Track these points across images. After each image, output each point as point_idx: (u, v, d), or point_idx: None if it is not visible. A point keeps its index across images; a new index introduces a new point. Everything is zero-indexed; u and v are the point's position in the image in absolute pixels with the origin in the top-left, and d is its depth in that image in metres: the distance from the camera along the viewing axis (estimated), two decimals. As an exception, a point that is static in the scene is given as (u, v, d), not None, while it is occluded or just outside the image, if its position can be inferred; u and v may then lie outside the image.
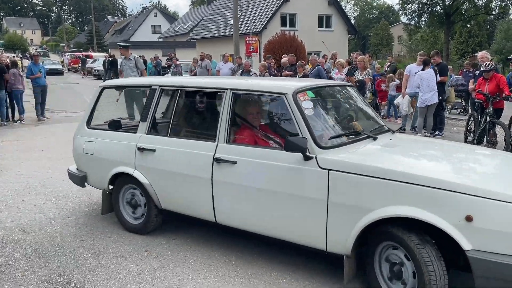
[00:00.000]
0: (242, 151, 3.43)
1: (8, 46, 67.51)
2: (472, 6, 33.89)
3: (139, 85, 5.26)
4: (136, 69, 10.00)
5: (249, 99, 3.90)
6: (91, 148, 4.38)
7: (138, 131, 4.09)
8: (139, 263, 3.65)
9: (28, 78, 12.03)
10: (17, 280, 3.38)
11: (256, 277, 3.40)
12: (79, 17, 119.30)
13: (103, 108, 4.92)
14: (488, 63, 7.39)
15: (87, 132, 4.51)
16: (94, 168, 4.43)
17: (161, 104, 4.17)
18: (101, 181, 4.36)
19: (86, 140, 4.45)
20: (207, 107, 4.27)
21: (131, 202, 4.25)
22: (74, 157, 4.65)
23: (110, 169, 4.21)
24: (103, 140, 4.32)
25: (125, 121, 5.26)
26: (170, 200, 3.94)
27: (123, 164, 4.11)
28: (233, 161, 3.41)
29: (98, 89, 4.58)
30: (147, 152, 3.92)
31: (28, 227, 4.44)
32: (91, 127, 4.55)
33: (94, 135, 4.43)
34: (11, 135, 9.67)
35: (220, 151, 3.51)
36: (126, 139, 4.12)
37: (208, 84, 4.03)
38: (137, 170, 4.01)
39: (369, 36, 55.21)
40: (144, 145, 3.95)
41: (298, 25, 27.14)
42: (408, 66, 9.83)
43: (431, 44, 38.00)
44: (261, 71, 11.36)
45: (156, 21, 58.86)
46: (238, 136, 3.70)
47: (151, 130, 4.06)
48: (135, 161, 4.01)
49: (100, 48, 56.01)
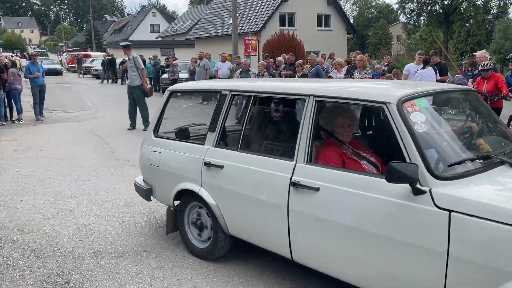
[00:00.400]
0: (327, 175, 2.75)
1: (6, 45, 67.42)
2: (471, 5, 33.95)
3: (209, 90, 4.57)
4: (136, 68, 9.99)
5: (337, 109, 3.22)
6: (157, 160, 3.94)
7: (206, 142, 3.57)
8: (137, 263, 3.64)
9: (26, 78, 12.03)
10: (16, 280, 3.37)
11: (255, 277, 3.40)
12: (78, 17, 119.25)
13: (171, 113, 4.42)
14: (486, 62, 7.40)
15: (153, 141, 4.06)
16: (160, 181, 4.01)
17: (231, 112, 3.67)
18: (166, 197, 3.92)
19: (153, 151, 4.01)
20: (284, 117, 3.73)
21: (197, 223, 3.75)
22: (141, 168, 4.28)
23: (175, 184, 3.74)
24: (169, 151, 3.86)
25: (196, 129, 4.66)
26: (238, 226, 3.39)
27: (188, 180, 3.62)
28: (315, 188, 2.74)
29: (166, 94, 4.11)
30: (214, 168, 3.40)
31: (27, 227, 4.43)
32: (158, 135, 4.09)
33: (161, 145, 3.97)
34: (9, 134, 9.65)
35: (298, 173, 2.87)
36: (193, 152, 3.63)
37: (287, 89, 3.33)
38: (204, 188, 3.49)
39: (368, 36, 55.25)
40: (211, 159, 3.43)
41: (297, 24, 27.11)
42: (407, 66, 9.86)
43: (430, 44, 38.03)
44: (260, 71, 11.36)
45: (154, 21, 58.78)
46: (321, 155, 3.03)
47: (220, 143, 3.53)
48: (202, 178, 3.50)
49: (99, 48, 55.95)
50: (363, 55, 10.19)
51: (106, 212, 4.83)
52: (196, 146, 3.65)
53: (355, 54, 11.08)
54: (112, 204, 5.09)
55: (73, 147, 8.28)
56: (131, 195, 5.42)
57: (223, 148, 3.48)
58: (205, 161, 3.46)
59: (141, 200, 5.19)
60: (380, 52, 43.01)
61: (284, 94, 3.29)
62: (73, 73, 34.83)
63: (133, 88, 10.10)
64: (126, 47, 10.20)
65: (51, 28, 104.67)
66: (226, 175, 3.32)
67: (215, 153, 3.45)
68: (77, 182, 6.00)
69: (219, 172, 3.37)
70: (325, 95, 2.93)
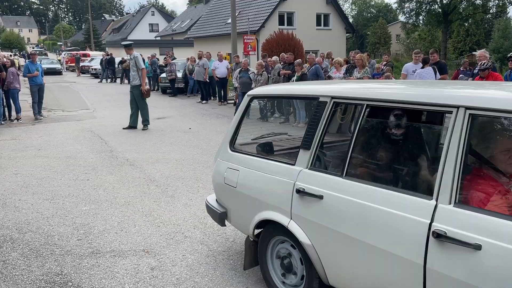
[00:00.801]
0: (490, 227, 1.89)
1: (5, 44, 67.37)
2: (469, 4, 33.91)
3: (300, 95, 3.52)
4: (136, 68, 9.98)
5: (499, 125, 2.24)
6: (234, 179, 3.28)
7: (298, 162, 2.83)
8: (136, 262, 3.64)
9: (25, 77, 12.01)
10: (15, 280, 3.37)
11: (254, 276, 3.40)
12: (76, 16, 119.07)
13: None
14: (484, 62, 7.40)
15: (230, 156, 3.41)
16: (237, 206, 3.34)
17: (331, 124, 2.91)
18: (245, 225, 3.26)
19: (229, 167, 3.36)
20: (412, 135, 2.76)
21: (284, 262, 3.02)
22: (214, 186, 3.62)
23: (257, 211, 3.07)
24: (249, 170, 3.18)
25: (277, 140, 3.89)
26: (345, 278, 2.59)
27: (274, 208, 2.93)
28: (473, 245, 1.89)
29: (245, 99, 3.45)
30: (310, 197, 2.65)
31: (25, 227, 4.42)
32: (235, 149, 3.43)
33: (239, 161, 3.31)
34: (8, 134, 9.64)
35: (442, 219, 2.03)
36: (280, 173, 2.91)
37: (421, 97, 2.31)
38: (295, 221, 2.77)
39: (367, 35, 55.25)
40: (305, 186, 2.69)
41: (296, 23, 27.10)
42: (405, 65, 9.85)
43: (429, 43, 38.04)
44: (258, 70, 11.36)
45: (153, 20, 58.70)
46: (475, 193, 2.15)
47: (316, 164, 2.79)
48: (292, 208, 2.78)
49: (98, 47, 55.87)
50: (362, 54, 10.18)
51: (105, 211, 4.83)
52: (284, 167, 2.92)
53: (354, 54, 11.07)
54: (111, 203, 5.08)
55: (72, 146, 8.27)
56: (130, 194, 5.42)
57: (322, 172, 2.71)
58: (298, 187, 2.72)
59: (140, 200, 5.19)
60: (379, 51, 43.02)
61: (415, 104, 2.31)
62: (71, 72, 34.79)
63: (133, 88, 10.11)
64: (128, 46, 10.20)
65: (49, 27, 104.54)
66: (328, 209, 2.56)
67: (311, 177, 2.71)
68: (76, 181, 5.99)
69: (317, 203, 2.62)
70: (484, 107, 2.01)
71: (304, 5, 26.93)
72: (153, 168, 6.64)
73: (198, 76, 15.44)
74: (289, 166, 2.89)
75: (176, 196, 5.33)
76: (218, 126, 10.45)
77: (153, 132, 9.78)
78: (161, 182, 5.91)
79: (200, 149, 7.97)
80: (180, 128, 10.26)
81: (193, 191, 5.52)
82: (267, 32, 23.20)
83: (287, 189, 2.82)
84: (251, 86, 11.48)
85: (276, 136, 3.88)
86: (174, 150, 7.88)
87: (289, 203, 2.80)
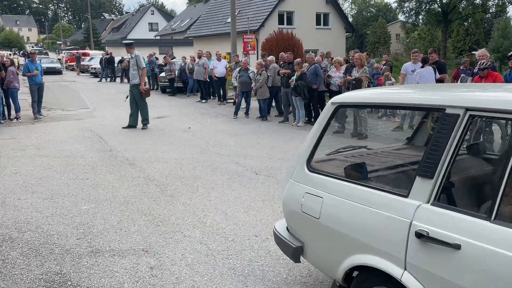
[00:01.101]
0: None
1: (4, 44, 67.33)
2: (469, 4, 33.92)
3: (411, 104, 2.55)
4: (137, 67, 9.98)
5: None
6: (316, 208, 2.63)
7: (413, 194, 2.18)
8: (136, 262, 3.64)
9: (25, 76, 12.00)
10: (14, 279, 3.37)
11: (254, 276, 3.40)
12: (76, 15, 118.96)
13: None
14: (483, 61, 7.41)
15: (308, 177, 2.77)
16: (320, 241, 2.71)
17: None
18: (330, 266, 2.65)
19: (307, 192, 2.72)
20: None
21: None
22: (287, 213, 2.98)
23: (349, 253, 2.44)
24: (338, 199, 2.52)
25: (364, 157, 3.19)
26: None
27: (376, 252, 2.28)
28: None
29: (328, 108, 2.80)
30: (438, 246, 1.99)
31: (25, 226, 4.42)
32: (313, 168, 2.78)
33: (321, 185, 2.66)
34: (7, 133, 9.63)
35: None
36: (385, 206, 2.27)
37: None
38: (411, 273, 2.12)
39: (367, 34, 55.24)
40: (429, 228, 2.03)
41: (296, 23, 27.09)
42: (404, 65, 9.86)
43: (428, 43, 38.05)
44: (258, 70, 11.36)
45: (153, 19, 58.65)
46: None
47: (443, 198, 2.14)
48: (407, 255, 2.13)
49: (97, 46, 55.83)
50: (361, 53, 10.19)
51: (104, 211, 4.83)
52: (391, 198, 2.26)
53: (353, 53, 11.07)
54: (110, 203, 5.09)
55: (71, 145, 8.27)
56: (129, 193, 5.42)
57: (454, 211, 2.02)
58: (417, 229, 2.07)
59: (140, 199, 5.20)
60: (378, 51, 43.03)
61: None
62: (71, 71, 34.77)
63: (133, 87, 10.11)
64: (129, 45, 10.20)
65: (49, 26, 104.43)
66: (470, 264, 1.88)
67: (437, 217, 2.04)
68: (75, 180, 5.99)
69: (451, 255, 1.94)
70: None
71: (304, 4, 26.93)
72: (153, 167, 6.64)
73: (198, 76, 15.44)
74: (399, 198, 2.21)
75: (175, 196, 5.34)
76: (217, 125, 10.45)
77: (152, 131, 9.78)
78: (160, 182, 5.91)
79: (199, 148, 7.98)
80: (179, 127, 10.26)
81: (192, 191, 5.53)
82: (267, 32, 23.18)
83: (398, 229, 2.16)
84: (251, 85, 11.48)
85: (355, 150, 3.19)
86: (174, 150, 7.88)
87: (403, 249, 2.13)
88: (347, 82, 9.50)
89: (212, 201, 5.14)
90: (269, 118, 11.52)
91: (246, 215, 4.65)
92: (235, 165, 6.71)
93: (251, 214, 4.70)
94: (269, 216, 4.62)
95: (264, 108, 11.45)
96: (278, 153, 7.55)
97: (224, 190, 5.54)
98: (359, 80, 9.10)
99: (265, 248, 3.84)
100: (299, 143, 8.42)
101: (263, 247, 3.87)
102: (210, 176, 6.16)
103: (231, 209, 4.84)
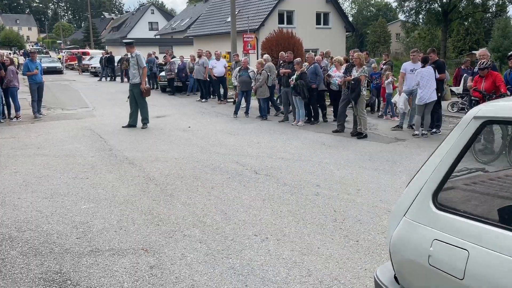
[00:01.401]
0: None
1: (4, 43, 67.33)
2: (469, 3, 33.93)
3: None
4: (137, 66, 9.97)
5: None
6: (458, 264, 1.86)
7: None
8: (135, 261, 3.64)
9: (25, 75, 12.00)
10: (14, 278, 3.37)
11: (253, 275, 3.40)
12: (76, 14, 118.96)
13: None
14: (483, 61, 7.41)
15: (437, 217, 2.01)
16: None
17: None
18: None
19: (437, 240, 1.97)
20: None
21: None
22: (396, 259, 2.20)
23: None
24: (499, 255, 1.72)
25: (489, 184, 2.38)
26: None
27: None
28: None
29: (470, 124, 1.99)
30: None
31: (24, 225, 4.42)
32: (444, 206, 2.02)
33: (463, 233, 1.88)
34: (7, 132, 9.63)
35: None
36: None
37: None
38: None
39: (367, 34, 55.24)
40: None
41: (296, 22, 27.09)
42: (404, 64, 9.86)
43: (429, 42, 38.05)
44: (258, 69, 11.35)
45: (153, 18, 58.67)
46: None
47: None
48: None
49: (97, 45, 55.83)
50: (360, 53, 10.18)
51: (104, 210, 4.83)
52: None
53: (353, 53, 11.07)
54: (110, 202, 5.08)
55: (71, 144, 8.26)
56: (129, 192, 5.42)
57: None
58: None
59: (140, 198, 5.20)
60: (378, 50, 43.04)
61: None
62: (71, 70, 34.77)
63: (133, 86, 10.10)
64: (130, 44, 10.19)
65: (49, 25, 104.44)
66: None
67: None
68: (75, 179, 5.99)
69: None
70: None
71: (304, 3, 26.92)
72: (152, 166, 6.64)
73: (198, 75, 15.44)
74: None
75: (175, 195, 5.34)
76: (217, 125, 10.45)
77: (152, 130, 9.78)
78: (160, 181, 5.91)
79: (199, 147, 7.97)
80: (179, 126, 10.25)
81: (192, 190, 5.53)
82: (267, 31, 23.17)
83: None
84: (251, 85, 11.48)
85: (471, 174, 2.36)
86: (173, 149, 7.88)
87: None
88: (347, 82, 9.50)
89: (212, 200, 5.13)
90: (269, 117, 11.52)
91: (246, 215, 4.65)
92: (235, 165, 6.71)
93: (251, 213, 4.69)
94: (268, 216, 4.61)
95: (264, 108, 11.45)
96: (278, 152, 7.56)
97: (224, 189, 5.53)
98: (358, 79, 9.09)
99: (265, 248, 3.84)
100: (299, 143, 8.43)
101: (263, 246, 3.87)
102: (210, 175, 6.16)
103: (231, 209, 4.84)
